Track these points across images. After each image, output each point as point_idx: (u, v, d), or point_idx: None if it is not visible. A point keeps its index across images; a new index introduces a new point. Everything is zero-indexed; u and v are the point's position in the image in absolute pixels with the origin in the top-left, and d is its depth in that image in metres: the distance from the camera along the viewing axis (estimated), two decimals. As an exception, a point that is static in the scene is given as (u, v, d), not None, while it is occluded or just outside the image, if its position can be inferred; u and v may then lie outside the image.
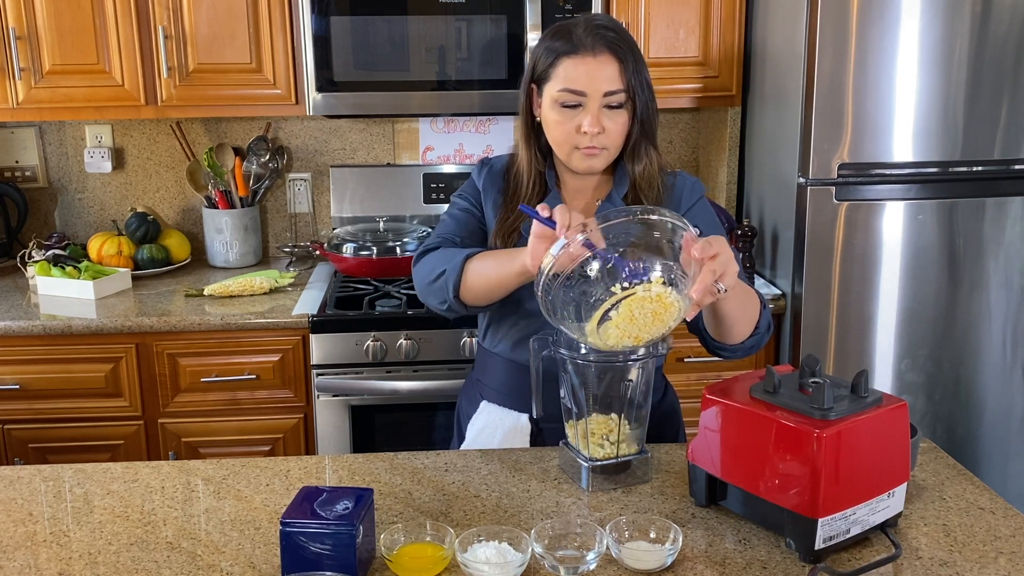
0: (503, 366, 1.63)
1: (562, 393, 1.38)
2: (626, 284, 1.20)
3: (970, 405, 2.44)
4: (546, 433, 1.58)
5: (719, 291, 1.20)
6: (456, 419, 1.77)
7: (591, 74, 1.47)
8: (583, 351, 1.33)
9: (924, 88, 2.26)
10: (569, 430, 1.40)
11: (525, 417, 1.60)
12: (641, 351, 1.31)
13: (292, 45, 2.54)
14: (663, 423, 1.65)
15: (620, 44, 1.48)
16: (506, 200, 1.62)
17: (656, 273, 1.21)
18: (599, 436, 1.35)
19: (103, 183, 2.98)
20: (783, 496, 1.14)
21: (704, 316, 1.47)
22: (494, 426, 1.62)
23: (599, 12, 2.48)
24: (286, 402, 2.42)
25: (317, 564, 1.09)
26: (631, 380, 1.32)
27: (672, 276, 1.22)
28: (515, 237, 1.56)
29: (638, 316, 1.21)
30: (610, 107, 1.49)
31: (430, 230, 2.70)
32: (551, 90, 1.50)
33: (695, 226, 1.52)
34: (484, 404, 1.66)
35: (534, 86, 1.55)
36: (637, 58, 1.50)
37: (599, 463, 1.34)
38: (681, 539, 1.14)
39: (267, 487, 1.37)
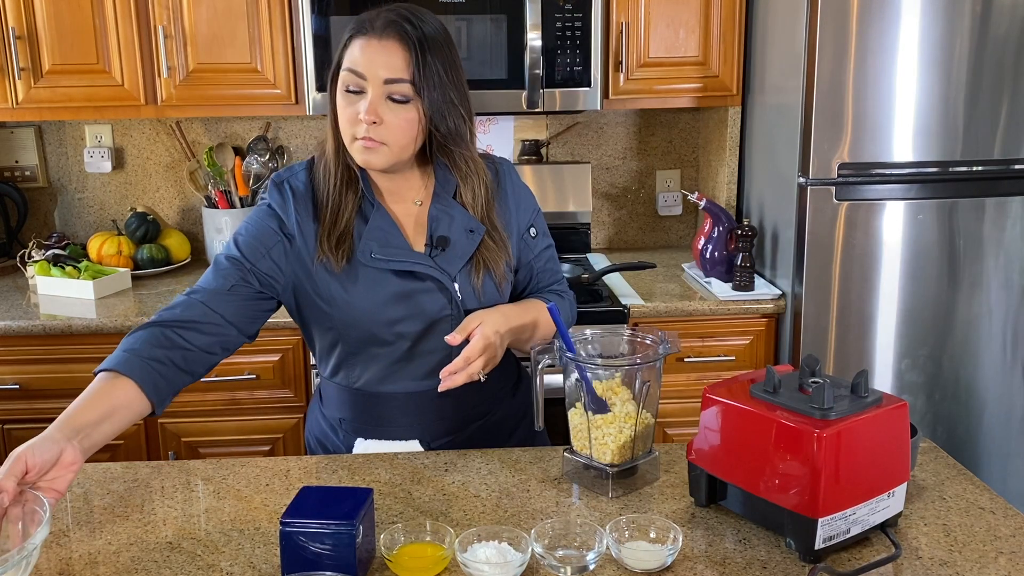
0: (369, 400, 1.55)
1: (568, 401, 1.37)
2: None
3: (970, 405, 2.44)
4: (436, 450, 1.54)
5: (478, 378, 1.41)
6: (309, 452, 1.69)
7: (372, 57, 1.39)
8: (592, 354, 1.34)
9: (924, 88, 2.26)
10: (576, 440, 1.37)
11: (415, 443, 1.56)
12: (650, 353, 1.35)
13: (292, 45, 2.54)
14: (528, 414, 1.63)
15: (413, 36, 1.39)
16: (320, 209, 1.48)
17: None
18: (613, 437, 1.33)
19: (103, 183, 2.98)
20: (783, 496, 1.14)
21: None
22: None
23: (598, 12, 2.49)
24: (286, 402, 2.43)
25: (317, 564, 1.09)
26: (648, 381, 1.32)
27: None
28: (345, 247, 1.46)
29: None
30: (393, 99, 1.40)
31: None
32: (341, 74, 1.43)
33: (531, 227, 1.62)
34: (361, 442, 1.57)
35: (339, 72, 1.46)
36: (430, 61, 1.39)
37: (617, 467, 1.33)
38: (681, 539, 1.14)
39: (267, 487, 1.37)
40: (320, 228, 1.47)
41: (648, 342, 1.36)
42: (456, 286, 1.50)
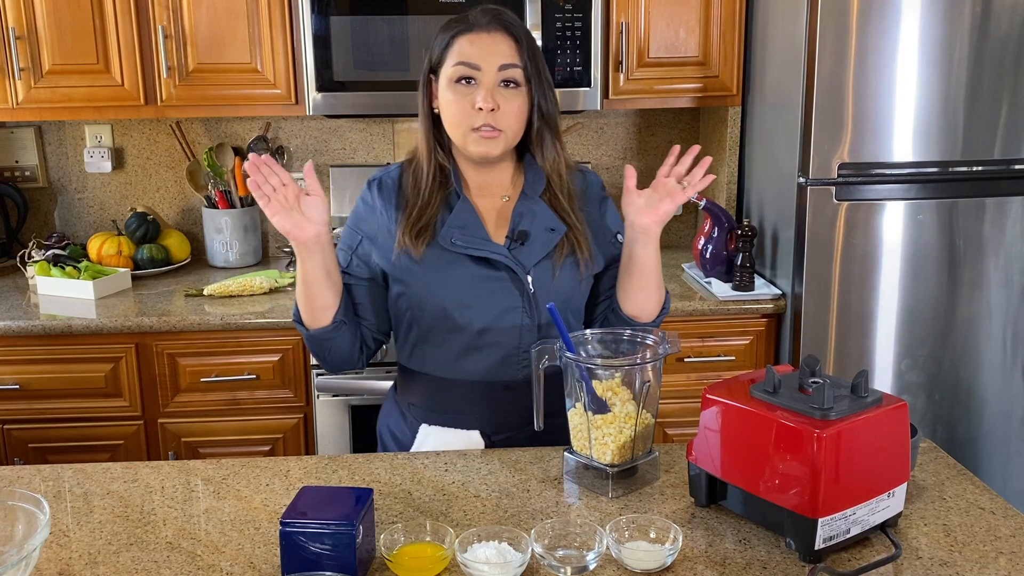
0: (438, 385, 1.58)
1: (569, 402, 1.37)
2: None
3: (970, 405, 2.44)
4: (497, 445, 1.56)
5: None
6: (380, 441, 1.72)
7: (485, 47, 1.48)
8: (592, 354, 1.35)
9: (924, 88, 2.26)
10: (576, 440, 1.37)
11: (476, 434, 1.57)
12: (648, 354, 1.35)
13: (292, 45, 2.54)
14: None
15: (516, 27, 1.51)
16: (404, 203, 1.56)
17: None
18: (613, 437, 1.33)
19: (103, 183, 2.98)
20: (783, 496, 1.14)
21: (622, 284, 1.57)
22: (445, 448, 1.56)
23: (598, 12, 2.49)
24: (286, 402, 2.43)
25: (317, 564, 1.09)
26: (648, 380, 1.32)
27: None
28: (427, 236, 1.52)
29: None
30: (506, 85, 1.49)
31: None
32: (446, 70, 1.50)
33: (617, 233, 1.63)
34: (425, 427, 1.60)
35: (432, 76, 1.54)
36: (534, 49, 1.51)
37: (617, 467, 1.33)
38: (681, 539, 1.14)
39: (267, 487, 1.38)
40: (403, 218, 1.53)
41: (648, 342, 1.37)
42: (530, 279, 1.52)
